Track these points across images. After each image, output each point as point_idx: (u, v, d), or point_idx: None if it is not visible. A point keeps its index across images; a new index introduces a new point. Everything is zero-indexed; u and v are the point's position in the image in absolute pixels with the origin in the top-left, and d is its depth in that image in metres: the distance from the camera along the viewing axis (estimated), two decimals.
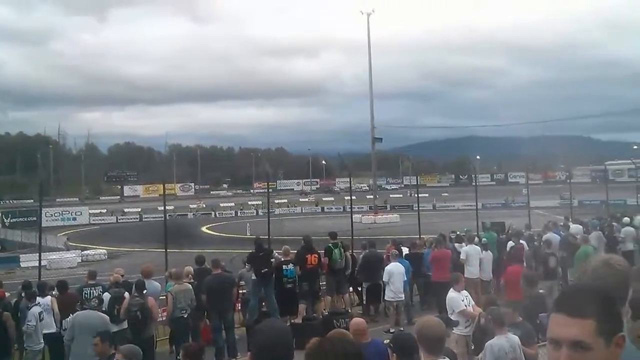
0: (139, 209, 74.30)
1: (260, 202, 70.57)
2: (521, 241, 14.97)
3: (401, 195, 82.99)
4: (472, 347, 7.50)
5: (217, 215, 70.75)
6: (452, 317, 8.22)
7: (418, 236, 18.87)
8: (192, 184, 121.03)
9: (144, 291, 9.89)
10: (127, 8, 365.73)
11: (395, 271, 12.36)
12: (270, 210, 25.57)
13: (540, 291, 9.11)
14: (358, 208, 60.01)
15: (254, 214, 66.06)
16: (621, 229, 17.46)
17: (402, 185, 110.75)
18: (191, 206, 78.14)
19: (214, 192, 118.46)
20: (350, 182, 29.85)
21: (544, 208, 46.29)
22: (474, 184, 27.09)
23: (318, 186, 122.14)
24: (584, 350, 1.56)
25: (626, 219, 18.77)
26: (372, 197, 59.59)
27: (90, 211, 71.04)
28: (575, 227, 16.78)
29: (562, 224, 17.19)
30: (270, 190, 29.59)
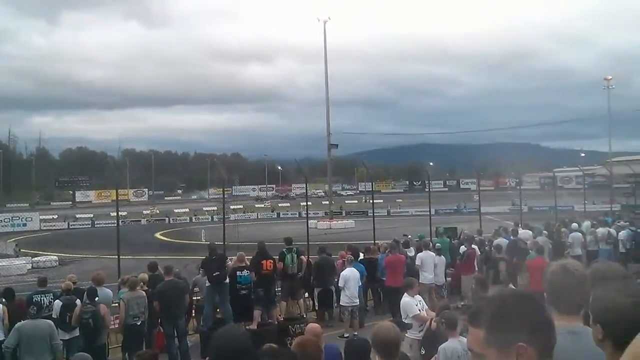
0: (91, 215, 72.65)
1: (215, 208, 69.89)
2: (473, 246, 15.32)
3: (356, 201, 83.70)
4: (423, 352, 7.61)
5: (171, 221, 69.69)
6: (406, 322, 8.34)
7: (373, 242, 19.04)
8: (146, 190, 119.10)
9: (96, 298, 9.71)
10: (79, 11, 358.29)
11: (350, 276, 12.45)
12: (226, 216, 25.37)
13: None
14: (314, 214, 59.97)
15: (209, 219, 65.37)
16: (569, 234, 18.04)
17: (358, 191, 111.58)
18: (144, 212, 77.03)
19: (168, 198, 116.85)
20: (307, 188, 29.85)
21: (495, 214, 47.39)
22: (427, 190, 27.50)
23: (274, 192, 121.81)
24: (479, 359, 1.60)
25: (574, 225, 19.40)
26: (327, 202, 59.78)
27: (41, 217, 68.84)
28: (524, 233, 17.24)
29: (512, 229, 17.63)
30: (225, 196, 29.30)
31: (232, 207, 72.14)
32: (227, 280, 12.08)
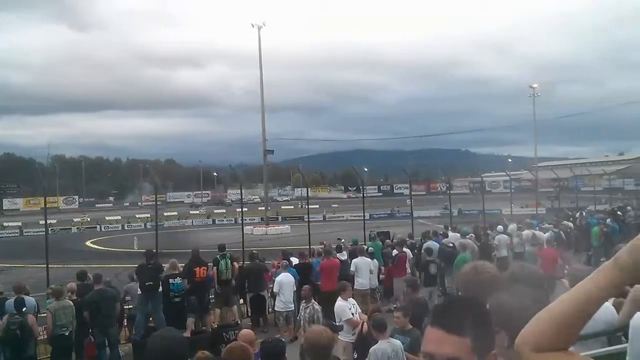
0: (19, 223, 69.96)
1: (148, 215, 68.36)
2: (404, 249, 15.66)
3: (292, 207, 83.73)
4: (356, 356, 7.74)
5: (103, 229, 67.65)
6: (338, 324, 8.44)
7: (308, 246, 19.15)
8: (76, 197, 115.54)
9: (24, 309, 9.38)
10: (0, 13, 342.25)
11: (285, 282, 12.50)
12: (160, 223, 24.88)
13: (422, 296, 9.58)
14: (249, 220, 59.60)
15: (142, 227, 63.82)
16: (495, 236, 18.73)
17: (293, 197, 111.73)
18: (75, 220, 74.77)
19: (99, 205, 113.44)
20: (242, 193, 29.69)
21: (427, 218, 48.58)
22: (361, 195, 27.87)
23: (209, 198, 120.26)
24: None
25: (500, 227, 20.16)
26: (263, 208, 59.56)
27: None
28: (453, 236, 17.76)
29: (442, 232, 18.14)
30: (159, 202, 28.72)
31: (165, 214, 70.76)
32: (160, 289, 11.93)
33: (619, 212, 27.60)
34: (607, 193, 47.72)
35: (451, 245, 16.00)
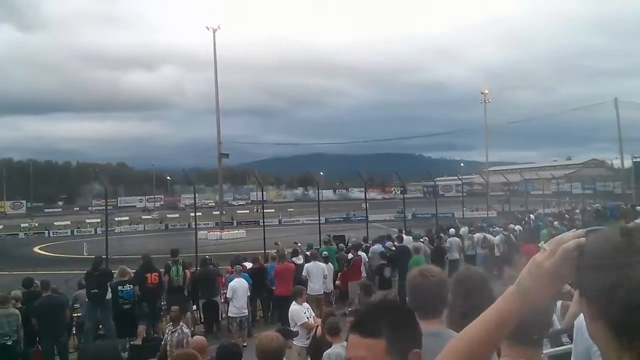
0: None
1: (99, 220, 66.76)
2: (359, 253, 15.74)
3: (248, 211, 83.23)
4: (309, 359, 7.72)
5: (52, 234, 65.73)
6: (293, 329, 8.40)
7: (263, 251, 19.05)
8: (24, 202, 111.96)
9: None
10: None
11: (238, 287, 12.36)
12: (111, 229, 24.35)
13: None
14: (204, 224, 59.09)
15: (92, 232, 62.31)
16: (448, 239, 19.05)
17: (249, 201, 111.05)
18: (22, 225, 72.71)
19: (48, 210, 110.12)
20: (195, 198, 29.29)
21: (382, 221, 49.08)
22: (317, 199, 27.91)
23: (162, 202, 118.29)
24: None
25: (452, 230, 20.50)
26: (218, 213, 58.99)
27: None
28: (405, 239, 17.96)
29: (396, 235, 18.32)
30: (110, 207, 28.12)
31: (117, 219, 69.35)
32: (109, 296, 11.67)
33: (566, 215, 28.48)
34: (556, 197, 49.15)
35: (393, 248, 16.20)
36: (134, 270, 12.90)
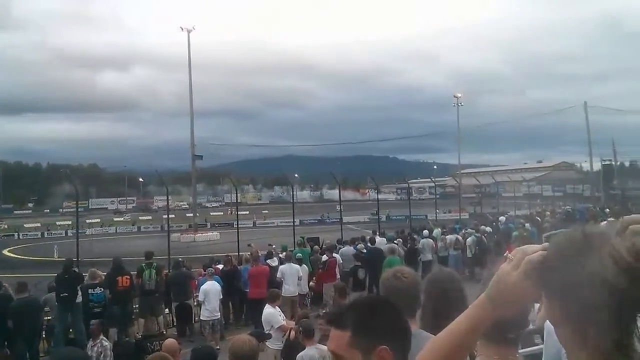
0: None
1: (70, 222, 65.65)
2: (334, 255, 15.75)
3: (222, 213, 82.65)
4: None
5: (22, 236, 64.39)
6: (271, 333, 8.36)
7: (237, 253, 18.95)
8: None
9: None
10: None
11: (210, 290, 12.26)
12: (81, 231, 23.99)
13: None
14: (177, 227, 58.43)
15: (63, 234, 61.26)
16: (421, 240, 19.21)
17: (223, 203, 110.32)
18: None
19: (18, 212, 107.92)
20: (168, 200, 29.07)
21: (356, 223, 49.19)
22: (292, 201, 27.88)
23: (135, 204, 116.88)
24: None
25: (425, 232, 20.69)
26: (191, 215, 58.50)
27: None
28: (379, 240, 18.05)
29: (368, 237, 18.41)
30: (81, 209, 27.72)
31: (88, 221, 68.24)
32: (80, 299, 11.51)
33: (537, 217, 28.90)
34: (527, 199, 49.86)
35: (364, 250, 16.28)
36: (105, 273, 12.75)
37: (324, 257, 15.75)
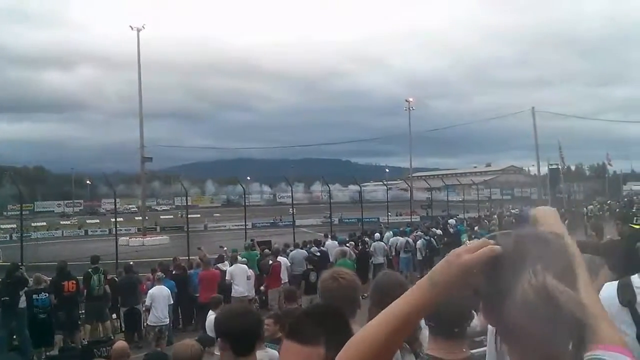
0: None
1: (14, 226, 63.42)
2: (279, 258, 15.64)
3: (172, 216, 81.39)
4: None
5: None
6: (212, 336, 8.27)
7: (187, 257, 18.71)
8: None
9: None
10: None
11: (158, 295, 12.04)
12: (26, 234, 23.24)
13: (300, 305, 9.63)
14: (125, 230, 57.16)
15: (7, 238, 59.14)
16: (372, 243, 19.39)
17: (174, 206, 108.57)
18: None
19: None
20: (115, 203, 28.47)
21: (309, 226, 49.25)
22: (244, 204, 27.68)
23: (82, 207, 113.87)
24: None
25: (377, 235, 20.90)
26: (140, 218, 57.41)
27: None
28: (330, 243, 18.14)
29: (318, 240, 18.49)
30: (26, 212, 26.85)
31: (33, 224, 66.09)
32: (24, 304, 11.18)
33: (485, 220, 29.63)
34: (476, 202, 50.98)
35: (318, 254, 16.35)
36: (50, 278, 12.42)
37: (270, 261, 15.62)
